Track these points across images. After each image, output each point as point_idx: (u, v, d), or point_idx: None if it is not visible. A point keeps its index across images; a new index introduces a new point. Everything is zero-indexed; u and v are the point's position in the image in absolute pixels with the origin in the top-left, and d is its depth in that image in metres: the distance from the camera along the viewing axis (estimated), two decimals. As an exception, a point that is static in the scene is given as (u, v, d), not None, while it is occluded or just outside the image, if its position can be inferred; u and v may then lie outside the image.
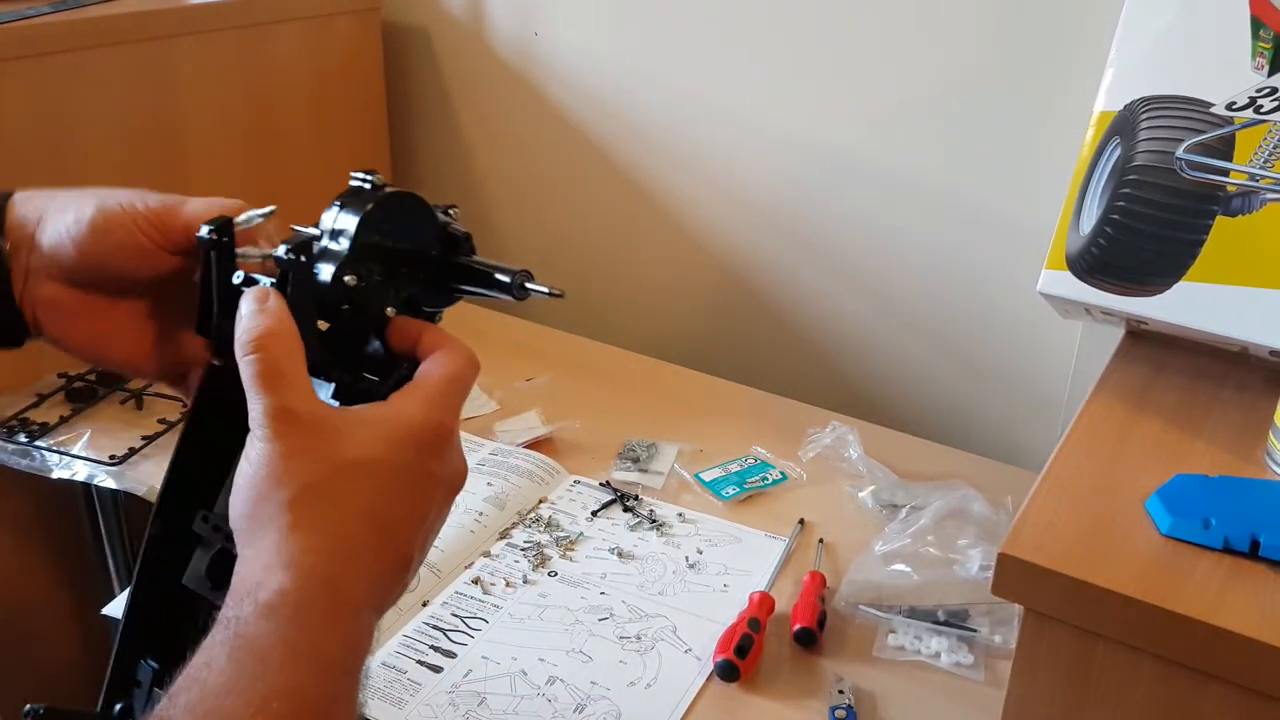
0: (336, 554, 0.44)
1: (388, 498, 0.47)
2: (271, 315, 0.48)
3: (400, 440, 0.47)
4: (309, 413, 0.46)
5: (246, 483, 0.45)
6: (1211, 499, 0.65)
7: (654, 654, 0.89)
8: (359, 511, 0.45)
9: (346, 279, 0.51)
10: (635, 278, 1.51)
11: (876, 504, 1.07)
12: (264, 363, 0.46)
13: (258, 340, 0.47)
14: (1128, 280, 0.79)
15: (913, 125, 1.22)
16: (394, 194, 0.54)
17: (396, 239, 0.54)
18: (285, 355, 0.47)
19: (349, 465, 0.45)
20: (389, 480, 0.47)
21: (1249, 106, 0.77)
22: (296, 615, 0.42)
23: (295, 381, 0.47)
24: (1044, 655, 0.63)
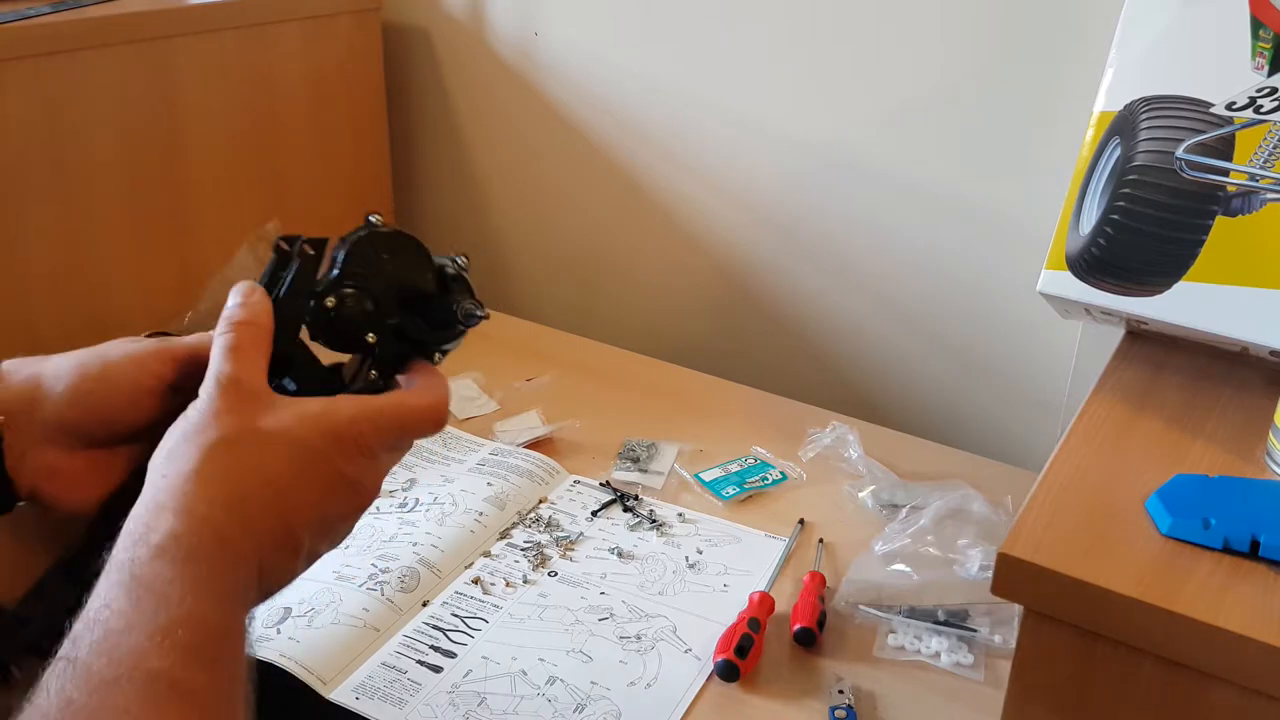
0: (230, 507, 0.46)
1: (290, 472, 0.49)
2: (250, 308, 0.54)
3: (320, 429, 0.50)
4: (248, 382, 0.51)
5: (173, 430, 0.49)
6: (1211, 499, 0.65)
7: (654, 654, 0.89)
8: (260, 475, 0.48)
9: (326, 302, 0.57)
10: (635, 277, 1.51)
11: (876, 504, 1.07)
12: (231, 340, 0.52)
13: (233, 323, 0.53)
14: (1128, 280, 0.80)
15: (913, 125, 1.22)
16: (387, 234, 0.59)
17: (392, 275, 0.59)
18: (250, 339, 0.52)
19: (264, 433, 0.49)
20: (297, 457, 0.49)
21: (1249, 106, 0.78)
22: (189, 557, 0.44)
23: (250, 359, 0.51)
24: (1044, 655, 0.63)
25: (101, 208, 1.22)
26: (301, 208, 1.42)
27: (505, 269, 1.61)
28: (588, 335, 1.43)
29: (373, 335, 0.58)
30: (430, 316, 0.60)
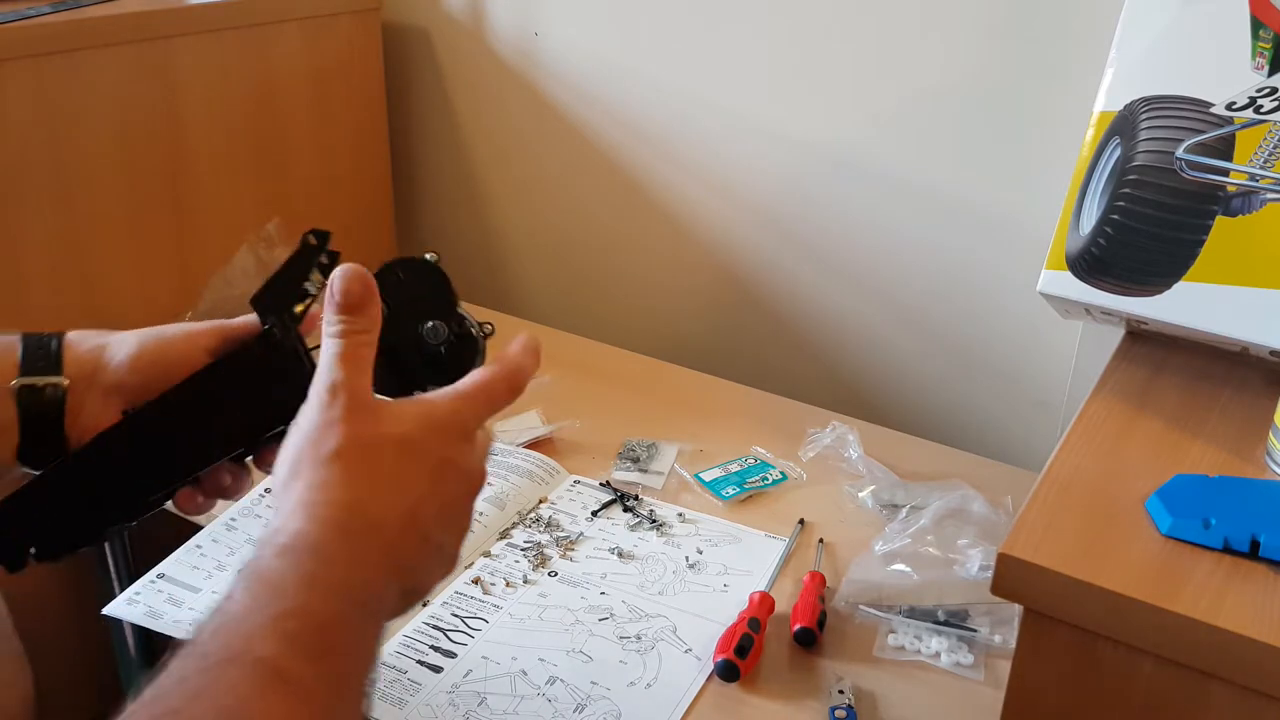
0: (352, 508, 0.48)
1: (406, 470, 0.51)
2: (369, 319, 0.54)
3: (427, 426, 0.52)
4: (361, 391, 0.52)
5: (291, 444, 0.51)
6: (1212, 499, 0.65)
7: (654, 654, 0.89)
8: (379, 476, 0.50)
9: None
10: (635, 277, 1.51)
11: (876, 504, 1.07)
12: (347, 346, 0.52)
13: (349, 332, 0.53)
14: (1128, 280, 0.80)
15: (913, 125, 1.22)
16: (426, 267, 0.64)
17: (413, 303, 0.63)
18: (365, 348, 0.53)
19: (380, 436, 0.51)
20: (410, 454, 0.51)
21: (1249, 106, 0.77)
22: (309, 552, 0.46)
23: (361, 369, 0.53)
24: (1044, 655, 0.63)
25: (101, 208, 1.22)
26: (301, 208, 1.42)
27: (505, 269, 1.61)
28: (588, 335, 1.43)
29: None
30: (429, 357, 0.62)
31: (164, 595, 0.94)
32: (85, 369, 0.60)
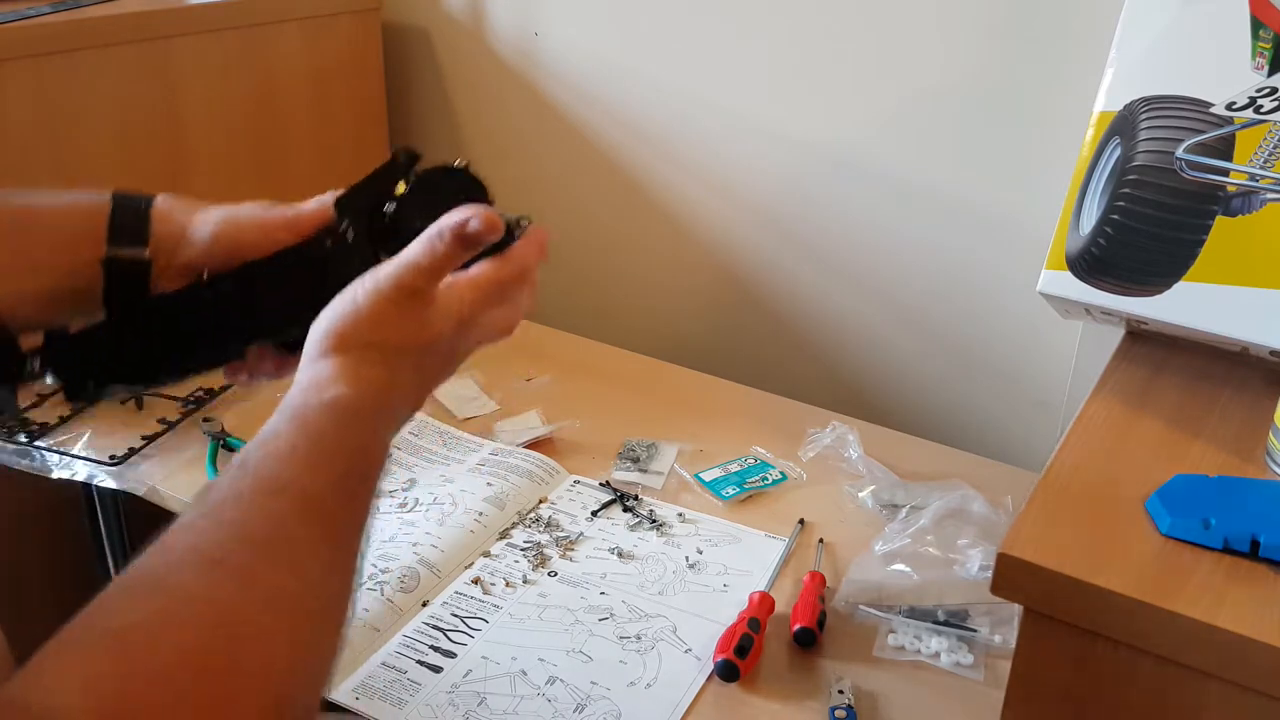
0: (389, 391, 0.57)
1: (435, 364, 0.61)
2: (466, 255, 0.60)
3: (456, 327, 0.60)
4: (428, 300, 0.59)
5: (353, 309, 0.58)
6: (1211, 499, 0.65)
7: (654, 654, 0.89)
8: (414, 369, 0.59)
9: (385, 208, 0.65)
10: (635, 277, 1.51)
11: (876, 504, 1.06)
12: (438, 262, 0.59)
13: (449, 252, 0.59)
14: (1128, 280, 0.80)
15: (913, 125, 1.22)
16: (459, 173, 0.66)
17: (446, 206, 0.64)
18: (447, 272, 0.60)
19: (423, 341, 0.59)
20: (437, 353, 0.60)
21: (1249, 106, 0.77)
22: (354, 418, 0.54)
23: (434, 282, 0.59)
24: (1044, 655, 0.63)
25: (101, 208, 1.22)
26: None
27: (505, 269, 1.61)
28: (587, 335, 1.43)
29: None
30: None
31: (164, 595, 0.94)
32: (167, 244, 0.65)
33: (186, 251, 0.65)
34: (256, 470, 0.50)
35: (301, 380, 0.57)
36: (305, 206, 0.67)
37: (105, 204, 0.64)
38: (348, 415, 0.54)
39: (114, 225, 0.64)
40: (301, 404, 0.54)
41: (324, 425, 0.53)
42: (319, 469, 0.51)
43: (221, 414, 1.19)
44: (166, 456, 1.12)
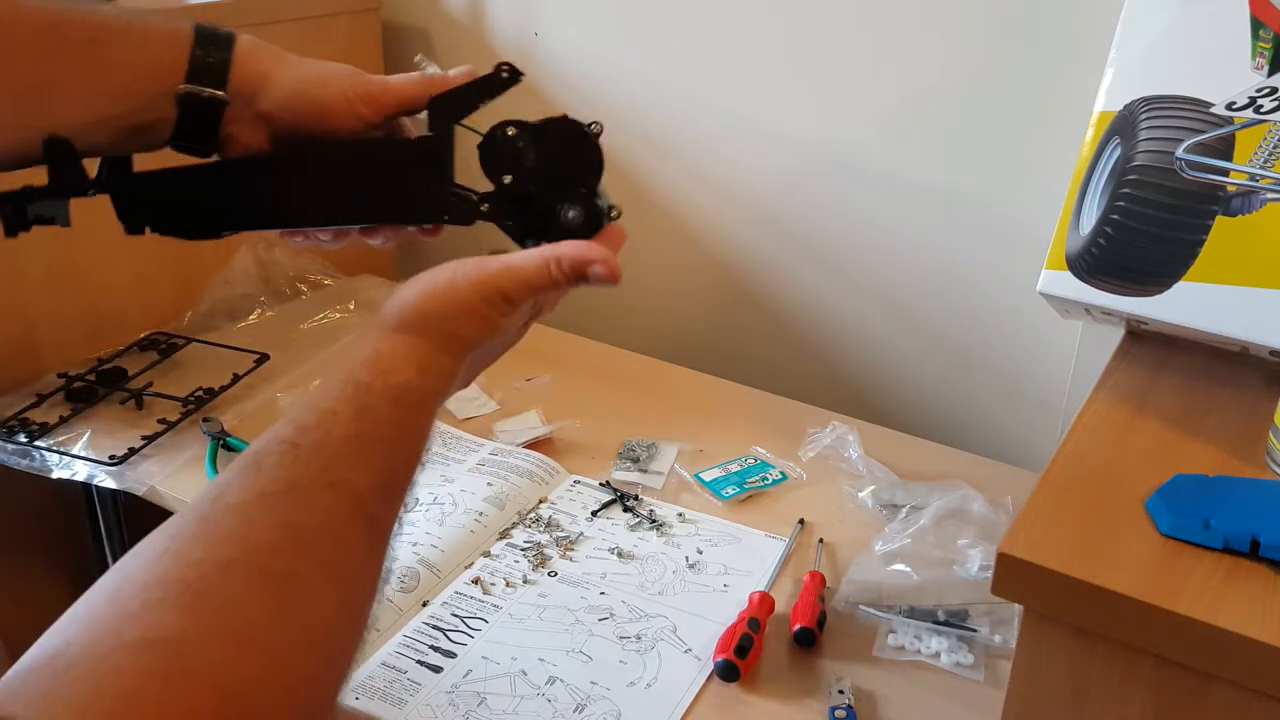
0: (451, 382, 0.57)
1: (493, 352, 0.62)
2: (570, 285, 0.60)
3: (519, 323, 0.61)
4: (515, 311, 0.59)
5: (436, 296, 0.57)
6: (1211, 499, 0.65)
7: (654, 654, 0.89)
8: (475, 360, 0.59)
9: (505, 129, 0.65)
10: (635, 277, 1.50)
11: (876, 504, 1.06)
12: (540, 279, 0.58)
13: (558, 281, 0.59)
14: (1128, 280, 0.79)
15: (913, 125, 1.22)
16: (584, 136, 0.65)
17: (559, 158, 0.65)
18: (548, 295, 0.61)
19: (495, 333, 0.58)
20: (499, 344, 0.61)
21: (1249, 106, 0.77)
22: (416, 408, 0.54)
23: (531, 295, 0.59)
24: (1044, 655, 0.63)
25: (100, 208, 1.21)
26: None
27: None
28: (588, 335, 1.42)
29: (509, 178, 0.65)
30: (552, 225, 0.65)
31: (164, 595, 0.94)
32: (245, 90, 0.63)
33: (264, 101, 0.63)
34: (310, 457, 0.49)
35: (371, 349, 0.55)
36: (393, 80, 0.65)
37: (187, 34, 0.62)
38: (409, 406, 0.53)
39: (194, 60, 0.61)
40: (366, 383, 0.53)
41: (383, 414, 0.52)
42: (371, 465, 0.50)
43: (221, 414, 1.19)
44: (166, 456, 1.12)
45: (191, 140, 0.63)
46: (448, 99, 0.65)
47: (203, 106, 0.62)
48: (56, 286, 1.23)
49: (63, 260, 1.22)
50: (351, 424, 0.50)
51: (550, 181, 0.65)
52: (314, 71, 0.64)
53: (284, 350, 1.31)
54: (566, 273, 0.58)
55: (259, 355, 1.28)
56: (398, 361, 0.54)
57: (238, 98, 0.63)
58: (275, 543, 0.45)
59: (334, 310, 1.43)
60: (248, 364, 1.27)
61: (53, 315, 1.24)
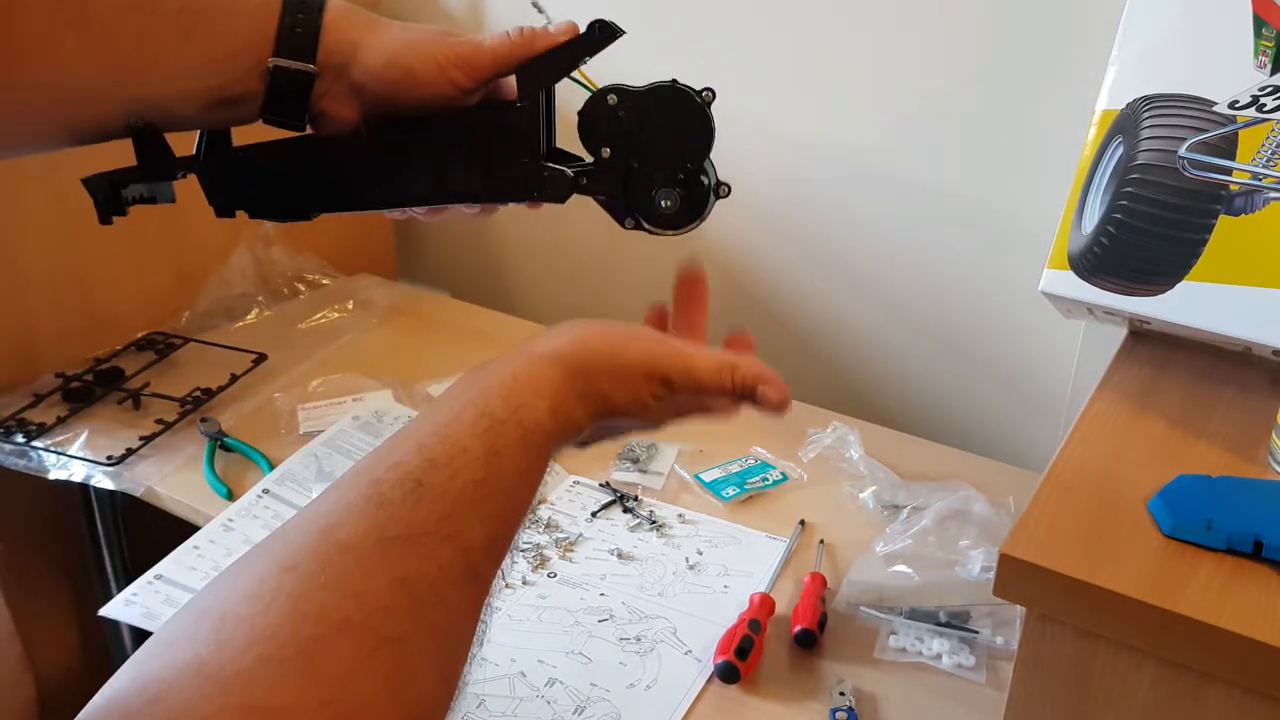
0: (576, 432, 0.56)
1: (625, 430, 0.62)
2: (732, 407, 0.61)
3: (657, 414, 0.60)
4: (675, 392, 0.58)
5: (616, 352, 0.56)
6: (1214, 499, 0.65)
7: (654, 655, 0.88)
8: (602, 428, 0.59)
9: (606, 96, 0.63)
10: (635, 277, 1.51)
11: (877, 505, 1.06)
12: (709, 383, 0.58)
13: (724, 389, 0.59)
14: (1130, 280, 0.79)
15: (913, 125, 1.22)
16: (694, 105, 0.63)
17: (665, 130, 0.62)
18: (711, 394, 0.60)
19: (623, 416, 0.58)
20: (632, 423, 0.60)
21: (1252, 105, 0.77)
22: (537, 455, 0.52)
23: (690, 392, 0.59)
24: (1046, 657, 0.63)
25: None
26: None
27: (505, 269, 1.61)
28: (587, 335, 1.42)
29: (608, 151, 0.62)
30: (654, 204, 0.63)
31: (161, 596, 0.94)
32: (335, 60, 0.60)
33: (356, 72, 0.61)
34: (434, 500, 0.46)
35: (509, 373, 0.53)
36: (486, 41, 0.62)
37: (275, 3, 0.59)
38: (534, 450, 0.51)
39: (282, 30, 0.59)
40: (501, 419, 0.50)
41: (510, 459, 0.50)
42: (489, 518, 0.48)
43: (219, 414, 1.19)
44: (164, 457, 1.12)
45: (282, 114, 0.61)
46: (536, 64, 0.61)
47: (292, 80, 0.60)
48: (54, 286, 1.23)
49: (61, 260, 1.22)
50: (480, 468, 0.48)
51: (654, 155, 0.62)
52: (403, 37, 0.62)
53: (282, 350, 1.31)
54: (738, 384, 0.58)
55: (257, 355, 1.28)
56: (531, 393, 0.52)
57: (328, 69, 0.60)
58: (390, 604, 0.43)
59: (332, 310, 1.42)
60: (246, 364, 1.26)
61: (50, 315, 1.24)
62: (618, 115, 0.61)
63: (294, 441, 1.15)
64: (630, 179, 0.62)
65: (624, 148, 0.61)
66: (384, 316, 1.42)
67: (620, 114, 0.61)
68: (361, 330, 1.39)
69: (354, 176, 0.64)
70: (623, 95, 0.61)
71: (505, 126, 0.62)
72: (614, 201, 0.63)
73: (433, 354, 1.32)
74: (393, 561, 0.44)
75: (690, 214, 0.63)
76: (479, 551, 0.47)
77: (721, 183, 0.62)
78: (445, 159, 0.63)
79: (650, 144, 0.61)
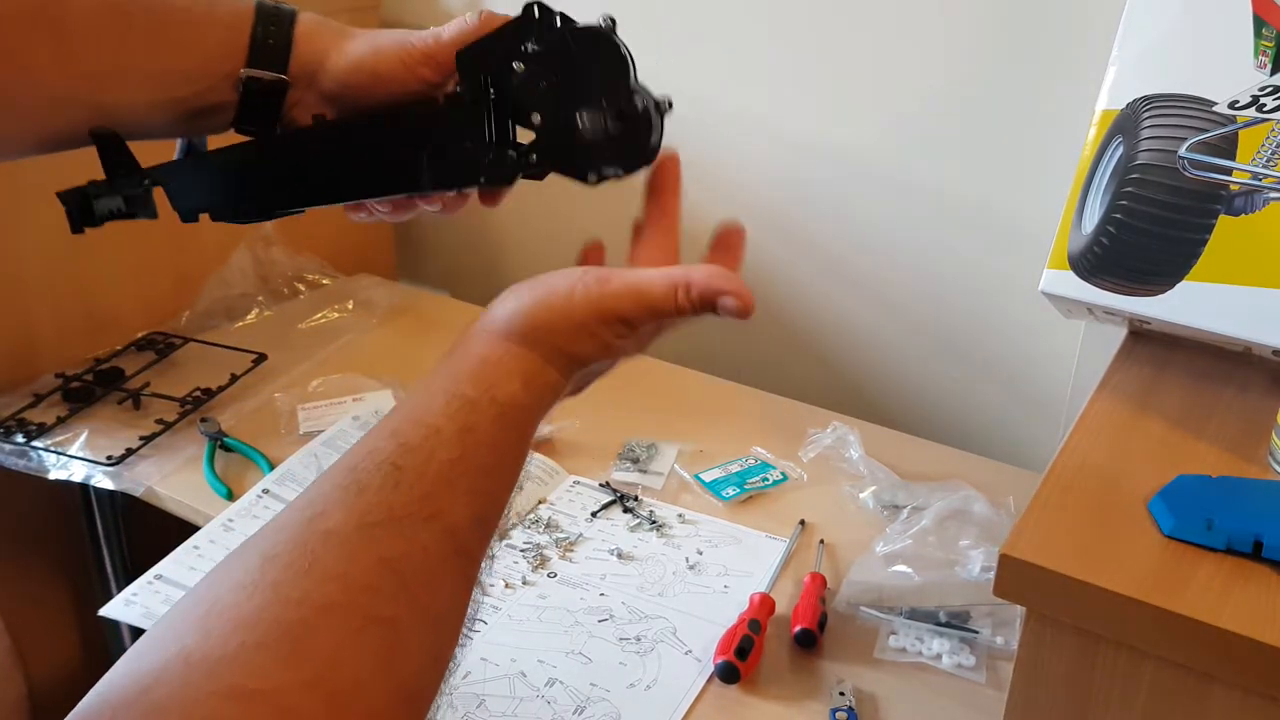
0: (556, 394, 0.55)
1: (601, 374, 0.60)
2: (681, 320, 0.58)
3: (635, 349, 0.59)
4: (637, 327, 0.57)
5: (546, 309, 0.54)
6: (1214, 499, 0.64)
7: (654, 655, 0.88)
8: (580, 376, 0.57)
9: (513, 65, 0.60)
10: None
11: (877, 505, 1.06)
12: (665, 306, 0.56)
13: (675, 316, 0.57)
14: (1130, 280, 0.79)
15: (914, 125, 1.22)
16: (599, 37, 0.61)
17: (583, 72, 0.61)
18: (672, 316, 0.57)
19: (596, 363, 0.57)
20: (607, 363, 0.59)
21: (1251, 105, 0.77)
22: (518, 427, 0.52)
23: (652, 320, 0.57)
24: (1046, 657, 0.63)
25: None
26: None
27: (505, 269, 1.61)
28: (587, 335, 1.42)
29: (539, 117, 0.60)
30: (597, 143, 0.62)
31: (161, 596, 0.94)
32: (306, 69, 0.62)
33: (325, 80, 0.62)
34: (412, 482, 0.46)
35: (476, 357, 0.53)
36: (444, 33, 0.62)
37: (248, 13, 0.61)
38: (512, 426, 0.51)
39: (254, 41, 0.60)
40: (472, 399, 0.50)
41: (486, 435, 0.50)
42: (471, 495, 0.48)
43: (219, 414, 1.18)
44: (164, 457, 1.12)
45: (254, 123, 0.62)
46: (473, 50, 0.61)
47: (264, 89, 0.61)
48: (54, 286, 1.22)
49: (60, 260, 1.22)
50: (454, 446, 0.48)
51: (580, 103, 0.60)
52: (369, 43, 0.63)
53: (282, 350, 1.31)
54: (695, 301, 0.56)
55: (257, 355, 1.28)
56: (503, 372, 0.52)
57: (299, 79, 0.62)
58: (376, 584, 0.43)
59: (332, 310, 1.42)
60: (246, 364, 1.26)
61: (50, 315, 1.24)
62: (533, 82, 0.60)
63: (294, 441, 1.15)
64: (571, 135, 0.61)
65: (551, 107, 0.60)
66: (384, 316, 1.42)
67: (535, 79, 0.60)
68: (361, 330, 1.39)
69: (309, 172, 0.65)
70: (528, 60, 0.60)
71: (448, 112, 0.62)
72: (568, 165, 0.62)
73: (433, 354, 1.30)
74: (376, 544, 0.44)
75: (640, 141, 0.61)
76: (464, 529, 0.47)
77: (659, 101, 0.61)
78: (395, 149, 0.63)
79: (573, 93, 0.60)
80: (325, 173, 0.64)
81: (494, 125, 0.61)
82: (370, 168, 0.64)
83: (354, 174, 0.64)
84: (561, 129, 0.60)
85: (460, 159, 0.61)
